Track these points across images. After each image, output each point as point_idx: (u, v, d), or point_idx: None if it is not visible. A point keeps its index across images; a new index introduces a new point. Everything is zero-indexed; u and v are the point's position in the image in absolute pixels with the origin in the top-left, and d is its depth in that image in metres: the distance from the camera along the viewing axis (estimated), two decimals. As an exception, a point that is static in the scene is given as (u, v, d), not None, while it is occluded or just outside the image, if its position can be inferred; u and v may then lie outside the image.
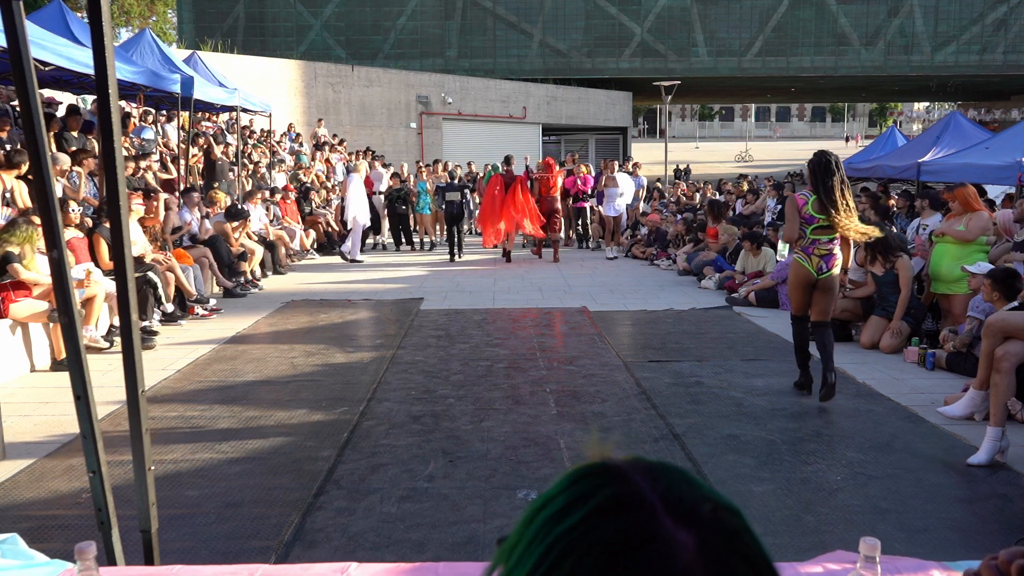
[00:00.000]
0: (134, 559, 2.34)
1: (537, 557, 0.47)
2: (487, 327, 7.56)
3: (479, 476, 3.87)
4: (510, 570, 0.48)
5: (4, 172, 7.12)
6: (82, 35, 9.30)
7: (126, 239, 2.10)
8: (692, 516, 0.48)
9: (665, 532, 0.46)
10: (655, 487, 0.49)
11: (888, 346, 6.39)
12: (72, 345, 2.11)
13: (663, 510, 0.47)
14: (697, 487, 0.50)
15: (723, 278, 9.66)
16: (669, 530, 0.46)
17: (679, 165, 35.31)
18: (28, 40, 1.95)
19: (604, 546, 0.46)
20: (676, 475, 0.51)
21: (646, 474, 0.50)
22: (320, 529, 3.31)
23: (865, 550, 1.43)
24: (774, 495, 3.63)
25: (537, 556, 0.47)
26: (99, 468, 2.14)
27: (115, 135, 2.01)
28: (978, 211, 6.52)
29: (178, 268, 7.78)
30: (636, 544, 0.46)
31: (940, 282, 6.64)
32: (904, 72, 34.68)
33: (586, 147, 33.44)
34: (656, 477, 0.50)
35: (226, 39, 28.50)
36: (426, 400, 5.16)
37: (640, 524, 0.47)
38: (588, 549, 0.46)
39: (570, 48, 33.82)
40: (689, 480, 0.51)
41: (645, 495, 0.48)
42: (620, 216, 13.51)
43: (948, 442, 4.37)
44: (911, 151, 12.29)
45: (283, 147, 17.63)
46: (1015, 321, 4.28)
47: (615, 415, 4.85)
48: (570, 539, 0.47)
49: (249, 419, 4.80)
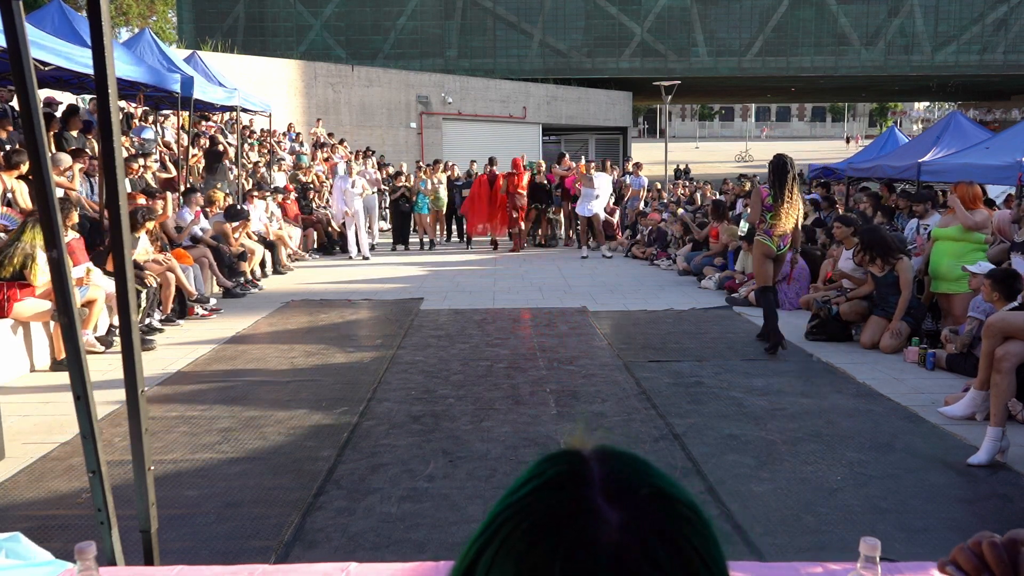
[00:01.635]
0: (134, 559, 2.34)
1: (482, 527, 0.51)
2: (487, 327, 7.56)
3: (479, 476, 3.87)
4: (470, 542, 0.52)
5: (4, 173, 7.12)
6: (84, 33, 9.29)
7: (126, 239, 2.10)
8: (625, 496, 0.50)
9: (594, 507, 0.49)
10: (602, 468, 0.51)
11: (888, 346, 6.39)
12: (72, 345, 2.11)
13: (600, 489, 0.50)
14: (644, 474, 0.52)
15: (723, 278, 9.66)
16: (599, 506, 0.49)
17: (679, 165, 35.30)
18: (28, 40, 1.95)
19: (536, 517, 0.49)
20: (628, 460, 0.53)
21: (600, 458, 0.52)
22: (320, 529, 3.31)
23: (865, 550, 1.42)
24: (774, 495, 3.63)
25: (483, 526, 0.51)
26: (99, 468, 2.14)
27: (115, 135, 2.01)
28: (979, 208, 6.53)
29: (178, 268, 7.78)
30: (564, 517, 0.48)
31: (940, 280, 6.64)
32: (904, 72, 34.69)
33: (586, 147, 33.44)
34: (607, 460, 0.52)
35: (226, 39, 28.51)
36: (426, 400, 5.16)
37: (574, 499, 0.49)
38: (522, 520, 0.49)
39: (570, 48, 33.83)
40: (640, 467, 0.52)
41: (589, 475, 0.51)
42: (598, 216, 13.51)
43: (948, 442, 4.37)
44: (911, 151, 12.28)
45: (283, 147, 17.62)
46: (1015, 321, 4.28)
47: (615, 415, 4.85)
48: (511, 511, 0.50)
49: (249, 419, 4.80)
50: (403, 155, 24.18)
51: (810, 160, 27.07)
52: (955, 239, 6.48)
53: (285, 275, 11.26)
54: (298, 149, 18.41)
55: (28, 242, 5.94)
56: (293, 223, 13.05)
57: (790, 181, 6.18)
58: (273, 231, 11.61)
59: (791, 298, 8.34)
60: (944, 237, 6.59)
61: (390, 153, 23.91)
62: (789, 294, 8.37)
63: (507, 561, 0.48)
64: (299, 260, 12.63)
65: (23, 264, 5.88)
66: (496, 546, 0.49)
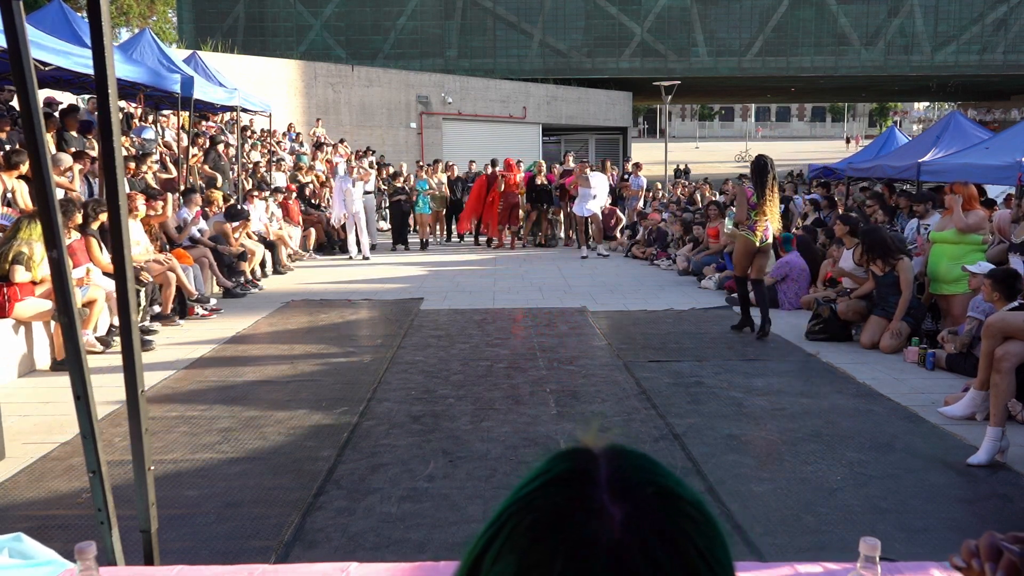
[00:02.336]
0: (134, 559, 2.34)
1: (491, 521, 0.52)
2: (487, 327, 7.56)
3: (479, 476, 3.87)
4: (478, 536, 0.52)
5: (4, 173, 7.11)
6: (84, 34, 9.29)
7: (125, 239, 2.10)
8: (629, 494, 0.50)
9: (597, 504, 0.49)
10: (609, 467, 0.52)
11: (888, 346, 6.39)
12: (72, 345, 2.11)
13: (606, 487, 0.50)
14: (651, 472, 0.52)
15: (723, 278, 9.66)
16: (603, 503, 0.49)
17: (679, 165, 35.29)
18: (28, 40, 1.95)
19: (540, 513, 0.50)
20: (636, 459, 0.53)
21: (609, 456, 0.53)
22: (320, 529, 3.31)
23: (865, 550, 1.42)
24: (774, 495, 3.63)
25: (491, 520, 0.52)
26: (99, 468, 2.14)
27: (115, 135, 2.01)
28: (975, 209, 6.53)
29: (179, 268, 7.78)
30: (568, 513, 0.49)
31: (939, 282, 6.64)
32: (904, 72, 34.68)
33: (586, 147, 33.42)
34: (615, 458, 0.53)
35: (226, 39, 28.49)
36: (426, 400, 5.16)
37: (579, 497, 0.50)
38: (526, 515, 0.50)
39: (570, 48, 33.82)
40: (648, 466, 0.53)
41: (596, 473, 0.51)
42: (596, 216, 13.53)
43: (948, 442, 4.37)
44: (911, 151, 12.28)
45: (283, 147, 17.62)
46: (1015, 321, 4.28)
47: (615, 415, 4.85)
48: (517, 507, 0.51)
49: (249, 419, 4.80)
50: (403, 155, 24.17)
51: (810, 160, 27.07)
52: (952, 242, 6.49)
53: (285, 275, 11.26)
54: (298, 149, 18.41)
55: (24, 239, 5.92)
56: (293, 223, 13.05)
57: (770, 180, 6.76)
58: (273, 231, 11.61)
59: (791, 298, 8.34)
60: (941, 240, 6.61)
61: (390, 153, 23.90)
62: (789, 294, 8.37)
63: (510, 555, 0.49)
64: (299, 260, 12.64)
65: (16, 259, 5.84)
66: (501, 541, 0.50)
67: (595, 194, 13.20)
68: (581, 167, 14.04)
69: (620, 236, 14.70)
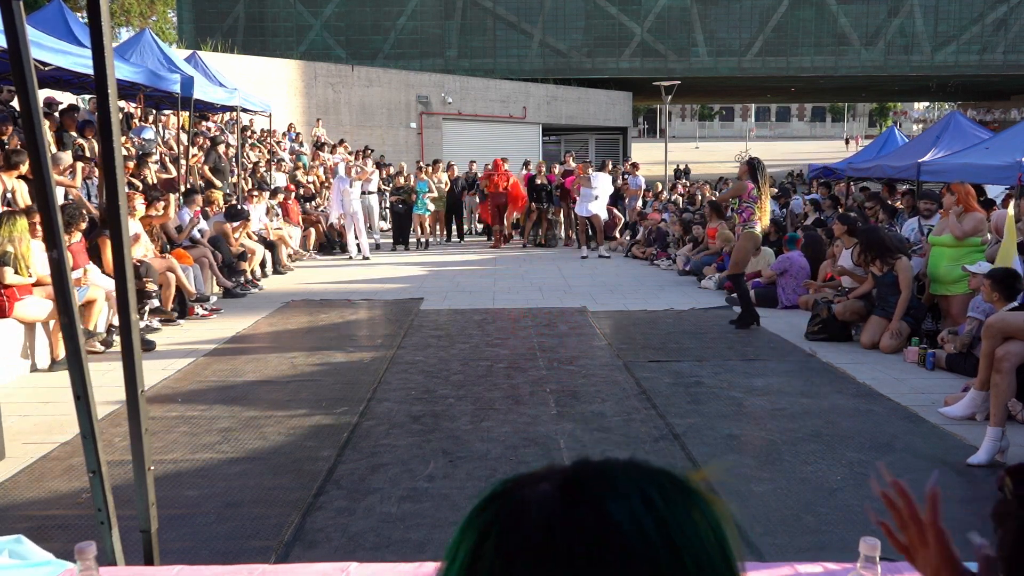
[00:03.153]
0: (134, 559, 2.34)
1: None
2: (487, 327, 7.56)
3: (479, 476, 3.87)
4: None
5: (4, 173, 7.11)
6: (82, 35, 9.30)
7: (126, 239, 2.10)
8: (572, 475, 0.53)
9: (537, 480, 0.53)
10: (573, 468, 0.54)
11: (888, 346, 6.39)
12: (72, 345, 2.11)
13: (560, 481, 0.53)
14: (635, 479, 0.52)
15: (723, 278, 9.65)
16: (542, 481, 0.53)
17: (679, 165, 35.29)
18: (28, 40, 1.95)
19: (494, 490, 0.54)
20: (602, 469, 0.54)
21: (581, 465, 0.55)
22: (320, 529, 3.31)
23: (865, 550, 1.42)
24: (774, 495, 3.63)
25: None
26: (99, 468, 2.14)
27: (115, 135, 2.01)
28: (973, 211, 6.53)
29: (178, 268, 7.78)
30: (512, 487, 0.54)
31: (938, 283, 6.65)
32: (904, 72, 34.69)
33: (586, 147, 33.43)
34: (584, 466, 0.55)
35: (226, 39, 28.49)
36: (426, 400, 5.16)
37: (528, 480, 0.54)
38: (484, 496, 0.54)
39: (570, 48, 33.82)
40: (635, 474, 0.53)
41: (560, 470, 0.54)
42: (598, 216, 13.53)
43: (948, 442, 4.37)
44: (911, 151, 12.27)
45: (283, 147, 17.62)
46: (1015, 321, 4.28)
47: (615, 415, 4.85)
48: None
49: (249, 419, 4.80)
50: (403, 155, 24.17)
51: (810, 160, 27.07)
52: (950, 246, 6.51)
53: (285, 275, 11.26)
54: (298, 149, 18.41)
55: (6, 237, 5.75)
56: (292, 223, 13.05)
57: (764, 178, 7.25)
58: (273, 231, 11.61)
59: (788, 294, 8.35)
60: (939, 244, 6.62)
61: (390, 153, 23.90)
62: (787, 290, 8.38)
63: (471, 531, 0.53)
64: (299, 260, 12.64)
65: (2, 261, 5.69)
66: (464, 525, 0.54)
67: (597, 194, 13.20)
68: (582, 167, 14.04)
69: (620, 236, 14.70)
